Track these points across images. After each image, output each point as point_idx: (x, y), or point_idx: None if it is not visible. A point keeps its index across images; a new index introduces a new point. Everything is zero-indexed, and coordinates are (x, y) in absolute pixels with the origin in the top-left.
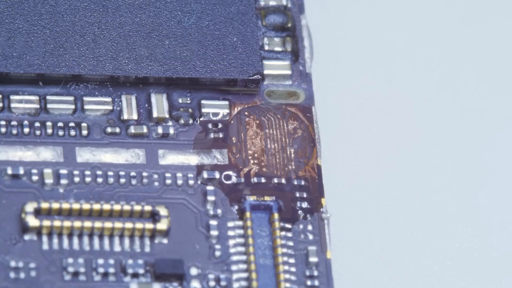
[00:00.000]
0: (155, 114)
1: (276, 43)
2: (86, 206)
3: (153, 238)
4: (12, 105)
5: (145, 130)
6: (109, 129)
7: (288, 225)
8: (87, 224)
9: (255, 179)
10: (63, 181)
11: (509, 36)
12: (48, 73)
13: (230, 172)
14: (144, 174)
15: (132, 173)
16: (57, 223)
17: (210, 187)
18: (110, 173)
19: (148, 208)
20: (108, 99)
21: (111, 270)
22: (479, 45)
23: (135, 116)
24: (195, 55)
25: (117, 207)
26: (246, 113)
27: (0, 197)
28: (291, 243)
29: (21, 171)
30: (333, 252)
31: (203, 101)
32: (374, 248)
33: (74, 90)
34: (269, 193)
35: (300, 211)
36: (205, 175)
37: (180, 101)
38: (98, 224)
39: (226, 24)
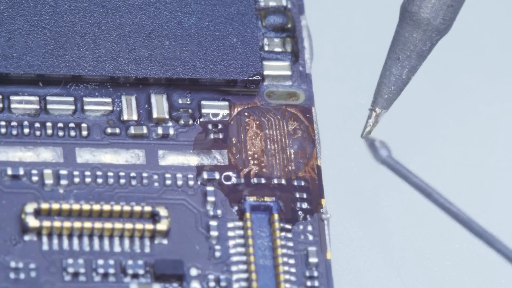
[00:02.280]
0: (155, 115)
1: (276, 44)
2: (86, 207)
3: (153, 238)
4: (12, 105)
5: (145, 130)
6: (109, 130)
7: (288, 226)
8: (87, 224)
9: (255, 180)
10: (63, 182)
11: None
12: (48, 73)
13: (230, 173)
14: (144, 174)
15: (132, 174)
16: (57, 223)
17: (210, 188)
18: (110, 174)
19: (148, 208)
20: (108, 100)
21: (111, 270)
22: (479, 45)
23: (135, 117)
24: (195, 55)
25: (117, 207)
26: (246, 113)
27: (0, 197)
28: (291, 244)
29: (21, 172)
30: (333, 253)
31: (203, 102)
32: (374, 249)
33: (74, 90)
34: (269, 193)
35: (300, 212)
36: (205, 175)
37: (180, 101)
38: (98, 225)
39: (226, 24)
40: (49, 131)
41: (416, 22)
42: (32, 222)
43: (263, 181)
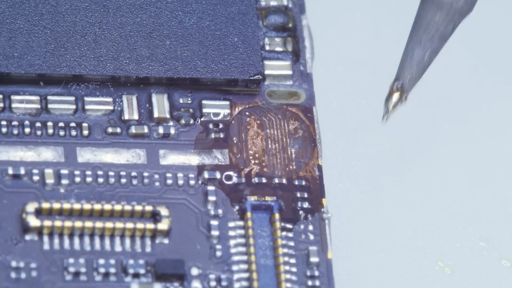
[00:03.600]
0: (156, 114)
1: (277, 43)
2: (87, 206)
3: (154, 238)
4: (13, 105)
5: (146, 130)
6: (110, 129)
7: (289, 225)
8: (88, 224)
9: (256, 179)
10: (64, 181)
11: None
12: (49, 73)
13: (231, 172)
14: (145, 174)
15: (133, 173)
16: (58, 223)
17: (211, 187)
18: (111, 173)
19: (149, 208)
20: (109, 99)
21: (112, 270)
22: (480, 45)
23: (136, 116)
24: (196, 55)
25: (118, 207)
26: (247, 113)
27: (1, 197)
28: (292, 243)
29: (22, 171)
30: (334, 252)
31: (204, 101)
32: (374, 248)
33: (75, 90)
34: (270, 193)
35: (301, 211)
36: (206, 175)
37: (181, 101)
38: (99, 224)
39: (227, 24)
40: (50, 131)
41: (439, 4)
42: (33, 221)
43: (264, 180)
